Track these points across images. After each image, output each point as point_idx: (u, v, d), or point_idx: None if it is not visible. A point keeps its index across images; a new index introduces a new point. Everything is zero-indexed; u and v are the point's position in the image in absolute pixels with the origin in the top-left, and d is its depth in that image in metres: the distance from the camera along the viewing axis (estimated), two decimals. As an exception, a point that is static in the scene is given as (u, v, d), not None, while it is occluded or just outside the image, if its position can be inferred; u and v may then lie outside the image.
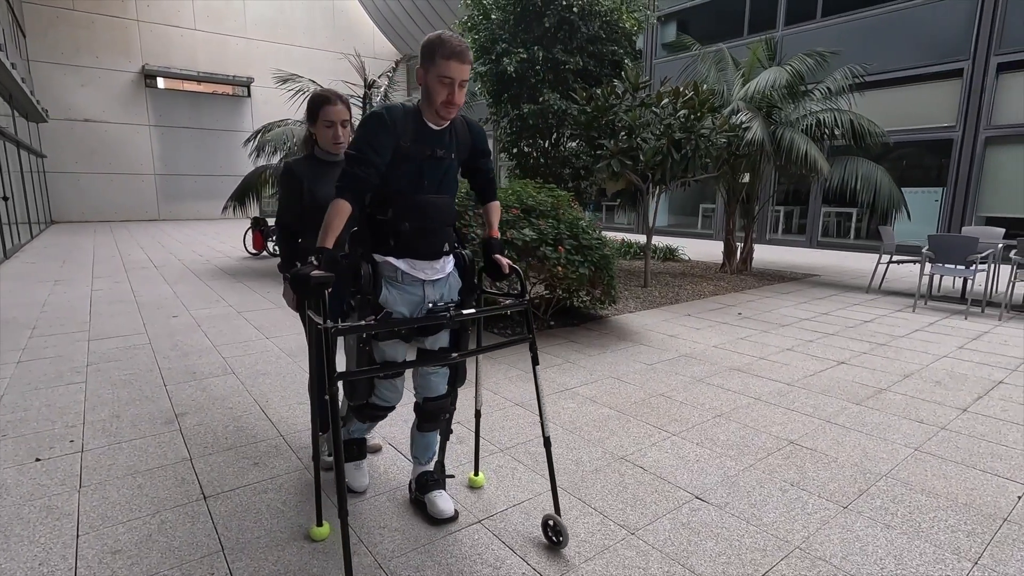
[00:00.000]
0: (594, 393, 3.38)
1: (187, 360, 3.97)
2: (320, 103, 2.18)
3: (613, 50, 7.72)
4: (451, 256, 1.95)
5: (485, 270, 2.01)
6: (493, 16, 7.45)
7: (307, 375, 3.66)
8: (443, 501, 2.07)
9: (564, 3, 7.11)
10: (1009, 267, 5.79)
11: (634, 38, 7.87)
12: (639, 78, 6.42)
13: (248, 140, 8.90)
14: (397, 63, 8.94)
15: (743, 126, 6.89)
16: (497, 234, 2.05)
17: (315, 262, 1.57)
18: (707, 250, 12.05)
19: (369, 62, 8.58)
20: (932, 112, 10.86)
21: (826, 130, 7.28)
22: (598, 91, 6.61)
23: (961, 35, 10.38)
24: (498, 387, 3.47)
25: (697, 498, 2.24)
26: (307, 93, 8.46)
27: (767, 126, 7.12)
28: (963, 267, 5.83)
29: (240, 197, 8.71)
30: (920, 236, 10.29)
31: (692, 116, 6.19)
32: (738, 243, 8.78)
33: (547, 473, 2.33)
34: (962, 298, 6.56)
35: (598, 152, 6.37)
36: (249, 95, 22.21)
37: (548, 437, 1.96)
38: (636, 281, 7.47)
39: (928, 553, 1.90)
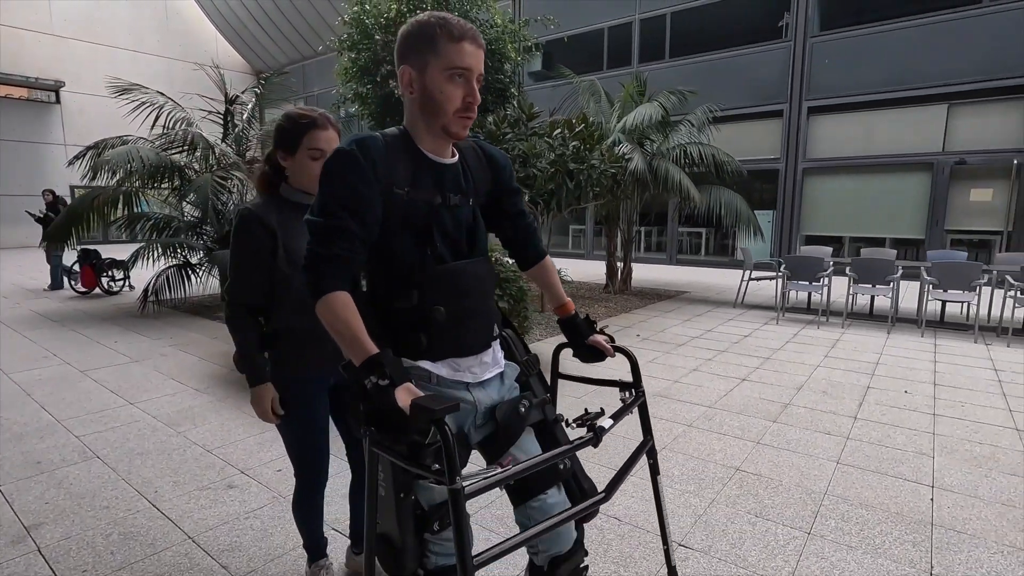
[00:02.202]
0: (537, 436, 3.25)
1: (23, 445, 3.10)
2: (306, 127, 1.59)
3: (499, 78, 7.81)
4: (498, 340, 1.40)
5: (577, 355, 1.56)
6: (376, 36, 7.13)
7: (197, 447, 3.05)
8: None
9: (451, 29, 7.03)
10: (846, 280, 6.81)
11: (518, 68, 8.04)
12: (531, 108, 6.54)
13: (76, 158, 7.47)
14: (266, 77, 8.13)
15: (626, 157, 7.35)
16: (573, 305, 1.54)
17: (380, 380, 1.02)
18: (584, 270, 12.65)
19: (213, 74, 7.66)
20: (762, 146, 12.61)
21: (692, 160, 8.05)
22: (490, 119, 6.61)
23: (779, 81, 12.23)
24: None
25: (681, 545, 2.21)
26: (155, 107, 7.36)
27: (645, 157, 7.69)
28: (814, 282, 6.76)
29: (66, 228, 7.24)
30: (759, 254, 11.81)
31: (583, 147, 6.44)
32: (618, 263, 9.32)
33: None
34: (809, 309, 7.60)
35: (496, 180, 6.33)
36: (58, 101, 18.88)
37: (674, 567, 1.62)
38: (531, 306, 7.54)
39: (892, 570, 2.05)
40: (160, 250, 6.89)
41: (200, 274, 7.43)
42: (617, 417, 1.37)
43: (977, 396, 4.04)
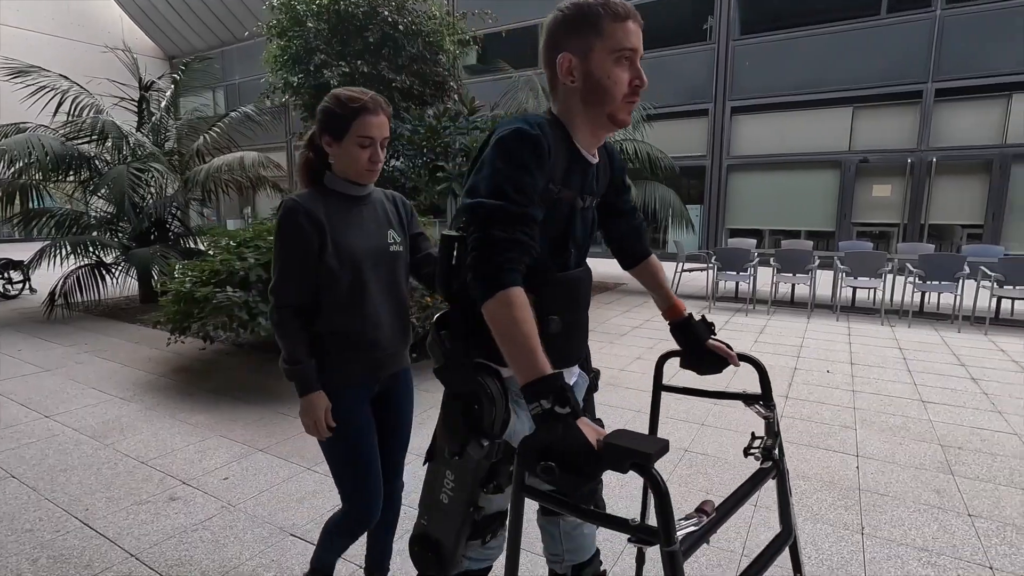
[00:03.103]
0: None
1: (-80, 468, 2.76)
2: (356, 111, 1.42)
3: (437, 71, 7.72)
4: None
5: (690, 364, 1.40)
6: (309, 24, 6.85)
7: (130, 459, 2.83)
8: None
9: (388, 20, 6.87)
10: (770, 270, 7.28)
11: (456, 60, 7.98)
12: (473, 102, 6.51)
13: (-38, 148, 6.67)
14: (185, 63, 7.60)
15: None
16: (685, 307, 1.41)
17: (558, 407, 0.88)
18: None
19: (124, 57, 7.08)
20: (690, 143, 13.20)
21: (628, 157, 8.30)
22: (430, 112, 6.54)
23: (705, 82, 12.84)
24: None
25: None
26: (57, 91, 6.70)
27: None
28: (741, 272, 7.18)
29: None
30: (688, 247, 12.39)
31: (524, 141, 6.50)
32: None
33: None
34: (737, 298, 8.06)
35: (438, 174, 6.27)
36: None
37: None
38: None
39: (830, 532, 2.23)
40: (68, 249, 6.30)
41: (116, 275, 6.87)
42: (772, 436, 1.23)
43: (887, 372, 4.46)
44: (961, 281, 6.20)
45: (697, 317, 1.40)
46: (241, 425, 3.30)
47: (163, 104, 7.43)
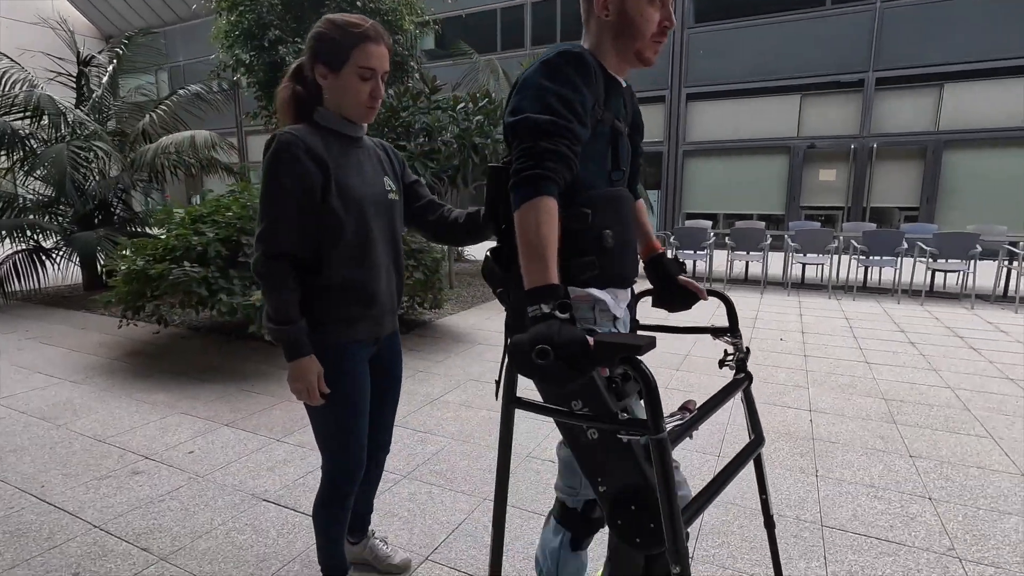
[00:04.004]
0: (464, 398, 3.29)
1: None
2: (358, 38, 1.27)
3: (396, 51, 7.59)
4: None
5: (661, 302, 1.44)
6: (261, -3, 6.62)
7: (85, 438, 2.72)
8: None
9: (344, -5, 6.71)
10: (725, 251, 7.55)
11: (416, 41, 7.86)
12: (434, 81, 6.44)
13: None
14: (128, 37, 7.20)
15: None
16: (660, 246, 1.45)
17: (557, 312, 0.90)
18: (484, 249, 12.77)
19: (59, 30, 6.67)
20: (648, 129, 13.41)
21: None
22: (390, 91, 6.43)
23: (662, 68, 13.09)
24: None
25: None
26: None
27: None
28: (699, 251, 7.41)
29: None
30: (648, 230, 12.69)
31: (487, 122, 6.48)
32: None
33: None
34: (694, 276, 8.31)
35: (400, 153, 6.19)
36: None
37: (772, 517, 1.44)
38: (444, 281, 7.51)
39: (788, 476, 2.37)
40: (3, 233, 5.92)
41: (57, 261, 6.50)
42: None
43: (836, 340, 4.72)
44: (900, 257, 6.60)
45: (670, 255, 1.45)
46: (203, 402, 3.21)
47: (104, 80, 7.03)
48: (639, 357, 0.88)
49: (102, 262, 6.29)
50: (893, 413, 3.08)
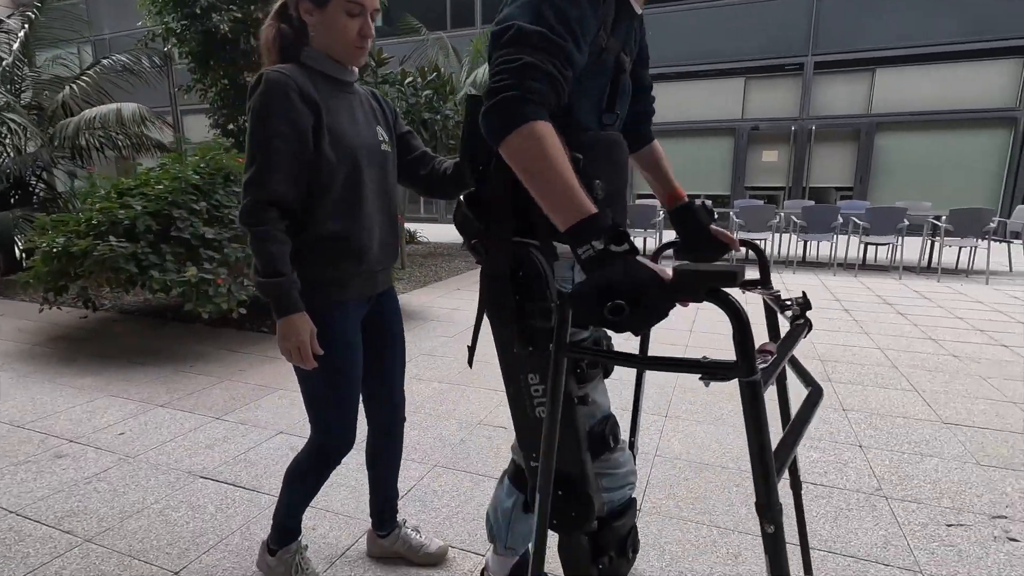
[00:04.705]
0: (415, 372, 3.24)
1: None
2: None
3: (340, 23, 7.30)
4: None
5: (688, 254, 1.28)
6: (191, -39, 6.19)
7: (4, 425, 2.52)
8: None
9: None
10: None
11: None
12: (380, 53, 6.23)
13: None
14: (43, 1, 6.61)
15: (478, 110, 7.40)
16: (685, 194, 1.29)
17: (613, 246, 0.77)
18: (440, 232, 12.61)
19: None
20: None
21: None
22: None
23: (611, 50, 13.15)
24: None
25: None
26: None
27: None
28: (649, 228, 7.56)
29: None
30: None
31: (436, 97, 6.34)
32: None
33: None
34: (644, 253, 8.49)
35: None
36: None
37: (799, 479, 1.33)
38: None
39: (731, 432, 2.45)
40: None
41: (-32, 243, 5.98)
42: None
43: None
44: (836, 233, 6.92)
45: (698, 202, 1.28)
46: (136, 385, 3.03)
47: (15, 47, 6.45)
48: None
49: (20, 245, 5.83)
50: (828, 372, 3.23)
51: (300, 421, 2.57)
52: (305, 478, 1.43)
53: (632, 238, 0.80)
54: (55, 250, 3.38)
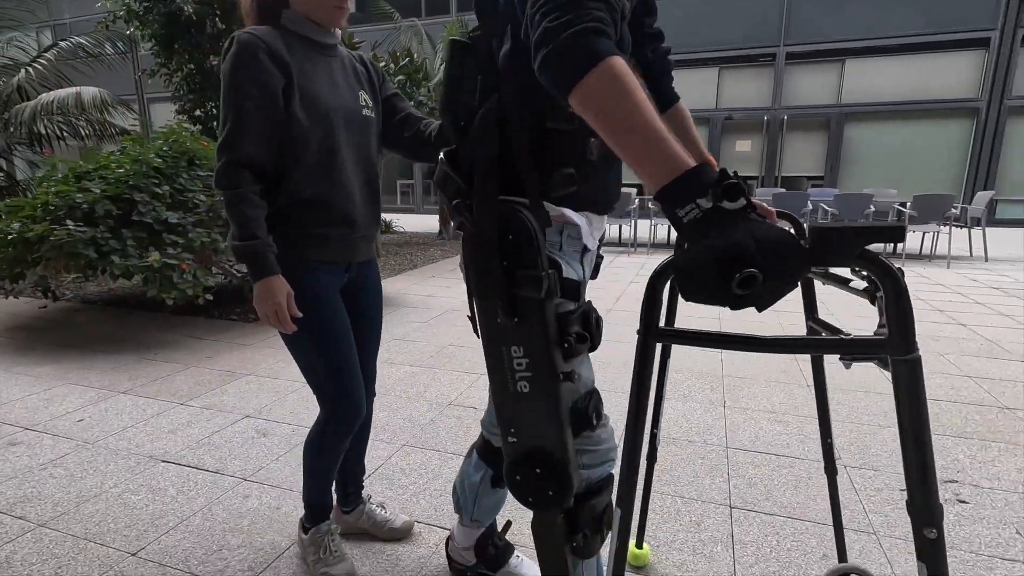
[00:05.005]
0: (386, 356, 3.22)
1: None
2: None
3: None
4: None
5: None
6: (153, -61, 5.99)
7: None
8: (532, 568, 1.42)
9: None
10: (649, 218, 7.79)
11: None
12: (352, 38, 6.12)
13: None
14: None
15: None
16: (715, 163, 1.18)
17: (727, 203, 0.63)
18: (416, 222, 12.53)
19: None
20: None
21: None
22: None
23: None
24: (275, 371, 2.97)
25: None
26: None
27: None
28: (623, 217, 7.60)
29: None
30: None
31: (409, 83, 6.27)
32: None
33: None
34: (620, 242, 8.55)
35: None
36: None
37: (835, 462, 1.33)
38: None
39: (698, 408, 2.49)
40: None
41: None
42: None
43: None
44: (806, 218, 7.06)
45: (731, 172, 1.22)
46: (97, 372, 2.95)
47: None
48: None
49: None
50: (796, 355, 3.29)
51: (268, 404, 2.53)
52: (321, 453, 1.40)
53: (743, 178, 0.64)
54: (10, 236, 3.25)
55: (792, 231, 1.10)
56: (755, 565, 1.49)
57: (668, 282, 0.82)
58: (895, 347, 0.62)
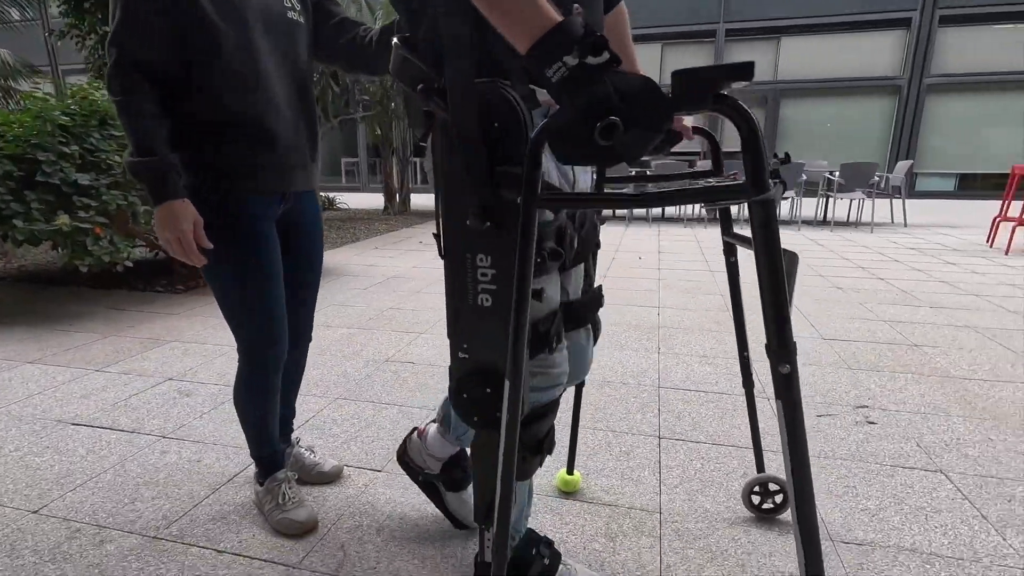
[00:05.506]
0: (324, 320, 3.12)
1: None
2: None
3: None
4: None
5: None
6: None
7: None
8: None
9: None
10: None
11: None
12: None
13: None
14: None
15: (392, 65, 7.11)
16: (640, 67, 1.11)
17: (590, 58, 0.63)
18: (361, 201, 12.22)
19: None
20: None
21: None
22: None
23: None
24: (203, 337, 2.82)
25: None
26: None
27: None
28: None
29: None
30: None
31: None
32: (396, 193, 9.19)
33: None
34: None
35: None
36: None
37: (752, 377, 1.37)
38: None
39: (633, 355, 2.54)
40: None
41: None
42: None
43: (685, 256, 5.13)
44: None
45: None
46: (1, 345, 2.73)
47: None
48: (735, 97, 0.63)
49: None
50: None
51: (193, 367, 2.41)
52: (247, 400, 1.33)
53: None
54: None
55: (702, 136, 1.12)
56: (679, 485, 1.54)
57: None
58: (751, 190, 0.64)
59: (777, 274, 0.65)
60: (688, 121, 1.17)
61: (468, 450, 1.29)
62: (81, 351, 2.62)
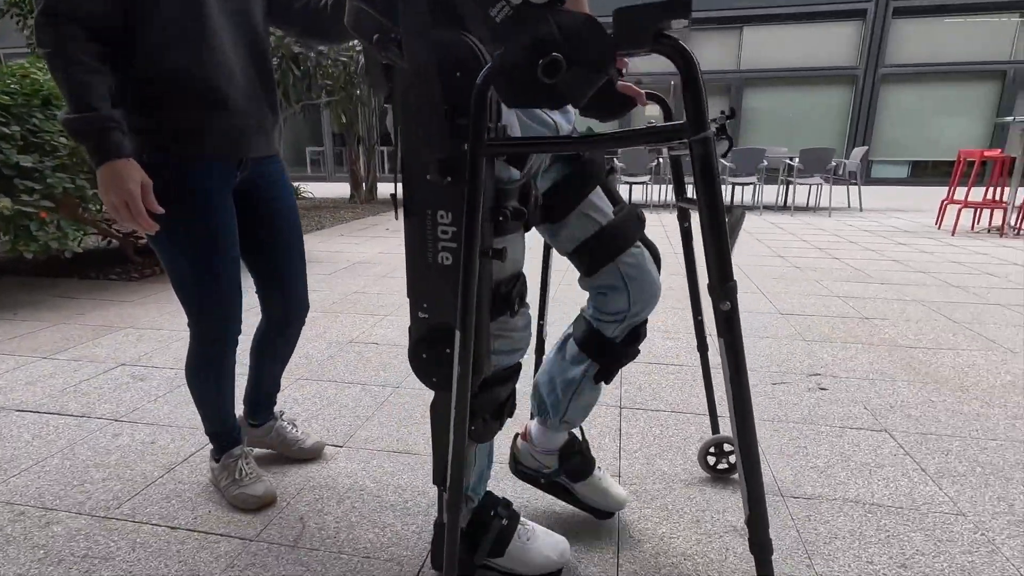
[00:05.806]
0: (286, 305, 3.06)
1: None
2: None
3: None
4: None
5: (591, 110, 1.07)
6: None
7: None
8: (617, 486, 1.29)
9: None
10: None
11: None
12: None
13: None
14: None
15: (356, 48, 6.96)
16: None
17: (521, 1, 0.64)
18: (326, 190, 12.00)
19: None
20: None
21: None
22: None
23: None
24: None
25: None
26: None
27: (376, 53, 7.41)
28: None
29: None
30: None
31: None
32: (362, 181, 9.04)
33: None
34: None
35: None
36: None
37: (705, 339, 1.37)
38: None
39: (598, 333, 2.57)
40: None
41: None
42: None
43: (657, 240, 5.21)
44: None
45: None
46: (-60, 334, 2.60)
47: None
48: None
49: None
50: (700, 283, 3.48)
51: (148, 352, 2.34)
52: (201, 374, 1.28)
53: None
54: None
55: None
56: (639, 451, 1.57)
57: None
58: (690, 129, 0.64)
59: (718, 214, 0.66)
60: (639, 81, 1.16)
61: (576, 432, 1.25)
62: (27, 339, 2.51)
